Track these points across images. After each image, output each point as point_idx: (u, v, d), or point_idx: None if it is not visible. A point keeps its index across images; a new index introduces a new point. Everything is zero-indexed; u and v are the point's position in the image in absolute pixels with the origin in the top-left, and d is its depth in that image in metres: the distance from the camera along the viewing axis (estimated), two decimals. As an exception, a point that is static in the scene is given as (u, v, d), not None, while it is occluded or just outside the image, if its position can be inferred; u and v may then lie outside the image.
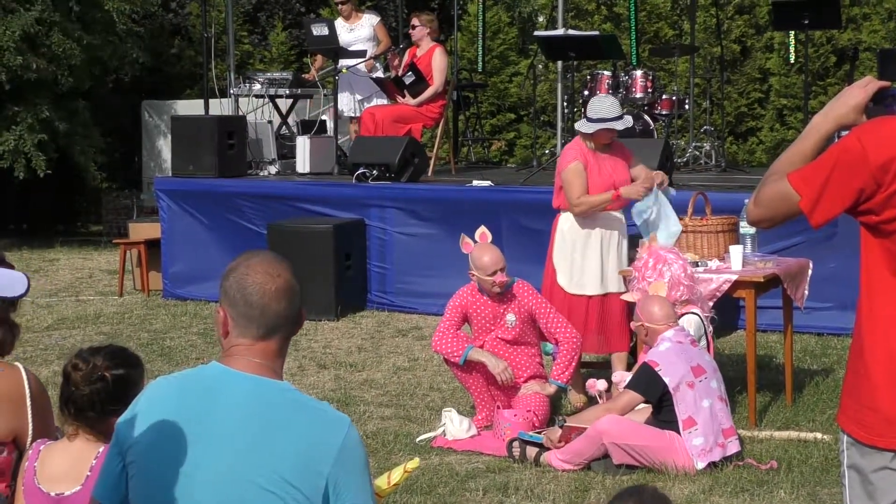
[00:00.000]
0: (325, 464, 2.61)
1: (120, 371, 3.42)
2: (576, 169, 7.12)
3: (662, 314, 6.21)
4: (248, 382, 2.67)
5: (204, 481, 2.62)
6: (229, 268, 2.75)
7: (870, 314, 2.90)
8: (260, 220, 10.66)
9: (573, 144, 7.32)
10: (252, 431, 2.62)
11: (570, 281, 7.23)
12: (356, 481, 2.65)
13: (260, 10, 19.45)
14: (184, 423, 2.65)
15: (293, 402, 2.68)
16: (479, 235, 6.97)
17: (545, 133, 16.09)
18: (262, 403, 2.66)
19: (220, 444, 2.63)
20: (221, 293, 2.74)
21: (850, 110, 2.91)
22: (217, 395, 2.67)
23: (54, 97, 15.26)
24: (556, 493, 5.70)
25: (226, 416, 2.64)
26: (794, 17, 11.39)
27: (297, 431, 2.63)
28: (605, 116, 7.11)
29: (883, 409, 2.86)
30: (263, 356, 2.71)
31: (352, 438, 2.66)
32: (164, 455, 2.64)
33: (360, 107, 11.89)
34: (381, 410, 7.25)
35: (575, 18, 16.67)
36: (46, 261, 14.06)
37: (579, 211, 7.18)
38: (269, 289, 2.69)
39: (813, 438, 6.39)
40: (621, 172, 7.25)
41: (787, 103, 16.14)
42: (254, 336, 2.70)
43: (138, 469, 2.68)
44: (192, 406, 2.67)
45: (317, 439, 2.63)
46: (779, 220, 2.95)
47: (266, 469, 2.60)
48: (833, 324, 8.71)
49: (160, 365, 8.30)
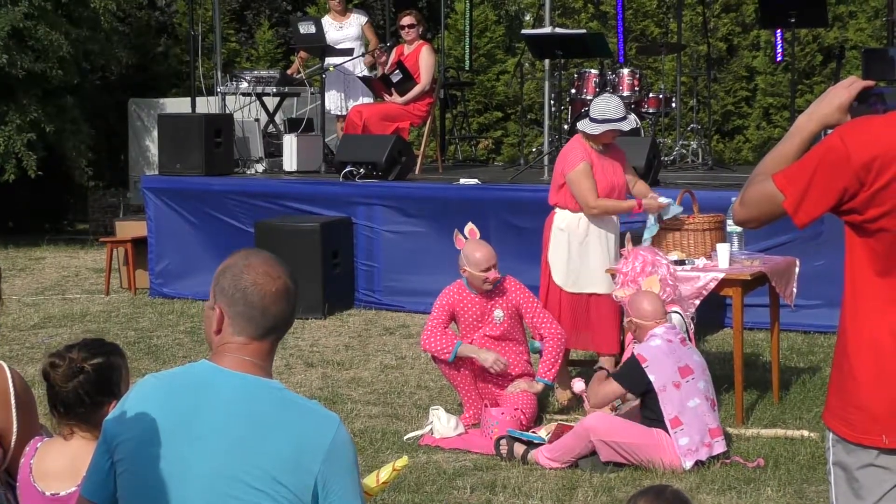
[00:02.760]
0: (315, 462, 2.62)
1: (98, 360, 3.40)
2: (585, 170, 7.10)
3: (652, 310, 6.22)
4: (237, 380, 2.68)
5: (193, 479, 2.62)
6: (226, 265, 2.74)
7: (854, 313, 2.92)
8: (247, 218, 10.65)
9: (576, 144, 7.27)
10: (241, 429, 2.63)
11: (567, 279, 7.23)
12: (345, 480, 2.65)
13: (247, 8, 19.43)
14: (173, 422, 2.65)
15: (283, 401, 2.68)
16: (468, 231, 6.97)
17: (532, 131, 16.11)
18: (251, 401, 2.66)
19: (210, 442, 2.63)
20: (217, 290, 2.73)
21: (834, 110, 2.92)
22: (206, 393, 2.67)
23: (42, 94, 15.22)
24: (543, 491, 5.71)
25: (215, 413, 2.65)
26: (781, 16, 11.40)
27: (286, 430, 2.63)
28: (612, 117, 7.10)
29: (867, 407, 2.88)
30: (256, 355, 2.71)
31: (341, 436, 2.66)
32: (153, 453, 2.64)
33: (347, 105, 11.88)
34: (368, 409, 7.25)
35: (562, 17, 16.69)
36: (32, 259, 14.02)
37: (595, 213, 7.16)
38: (270, 290, 2.70)
39: (800, 436, 6.41)
40: (620, 174, 7.27)
41: (773, 101, 16.19)
42: (250, 335, 2.70)
43: (127, 467, 2.68)
44: (181, 404, 2.67)
45: (306, 437, 2.63)
46: (765, 221, 2.97)
47: (255, 467, 2.61)
48: (820, 322, 8.73)
49: (147, 363, 8.29)
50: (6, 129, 14.70)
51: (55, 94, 15.46)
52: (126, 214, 15.47)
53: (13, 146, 14.65)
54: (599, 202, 7.12)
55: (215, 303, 2.73)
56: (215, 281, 2.74)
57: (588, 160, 7.12)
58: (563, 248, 7.22)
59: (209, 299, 2.77)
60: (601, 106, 7.16)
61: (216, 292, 2.73)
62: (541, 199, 8.59)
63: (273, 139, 12.27)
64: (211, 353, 2.76)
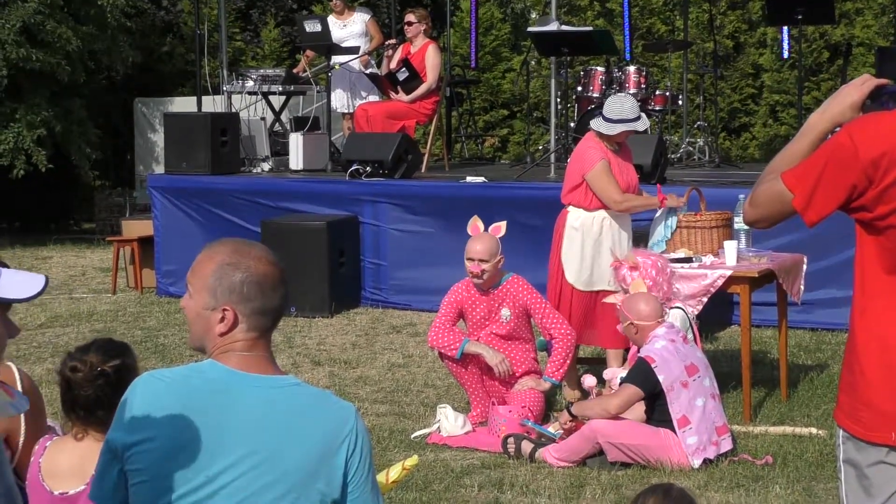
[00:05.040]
0: (341, 453, 2.62)
1: (117, 362, 3.43)
2: (605, 167, 7.09)
3: (650, 310, 6.19)
4: (256, 383, 2.63)
5: (226, 486, 2.56)
6: (226, 263, 2.64)
7: (863, 310, 2.91)
8: (253, 217, 10.65)
9: (591, 143, 7.24)
10: (270, 436, 2.59)
11: (579, 278, 7.21)
12: (365, 466, 2.66)
13: (252, 6, 19.43)
14: (198, 429, 2.57)
15: (304, 396, 2.66)
16: (471, 228, 6.96)
17: (538, 129, 16.09)
18: (275, 404, 2.62)
19: (240, 448, 2.58)
20: (224, 292, 2.63)
21: (846, 108, 2.91)
22: (227, 400, 2.60)
23: (51, 94, 15.26)
24: (551, 489, 5.70)
25: (242, 423, 2.58)
26: (787, 13, 11.39)
27: (313, 427, 2.62)
28: (627, 117, 7.10)
29: (877, 405, 2.87)
30: (266, 349, 2.68)
31: (361, 425, 2.68)
32: (180, 462, 2.55)
33: (353, 103, 11.88)
34: (375, 407, 7.25)
35: (568, 14, 16.67)
36: (39, 259, 14.03)
37: (622, 209, 7.15)
38: (278, 278, 2.67)
39: (808, 433, 6.39)
40: (633, 173, 7.30)
41: (779, 99, 16.16)
42: (264, 329, 2.66)
43: (146, 479, 2.58)
44: (204, 411, 2.59)
45: (331, 431, 2.63)
46: (775, 220, 2.96)
47: (289, 473, 2.58)
48: (827, 319, 8.72)
49: (154, 362, 8.30)
50: (16, 126, 14.77)
51: (63, 95, 15.49)
52: (132, 214, 15.48)
53: (22, 142, 14.72)
54: (626, 197, 7.12)
55: (219, 305, 2.63)
56: (214, 282, 2.63)
57: (605, 158, 7.12)
58: (576, 246, 7.21)
59: (202, 301, 2.65)
60: (616, 106, 7.15)
61: (219, 293, 2.63)
62: (547, 196, 8.60)
63: (279, 138, 12.27)
64: (214, 353, 2.67)
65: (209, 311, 2.65)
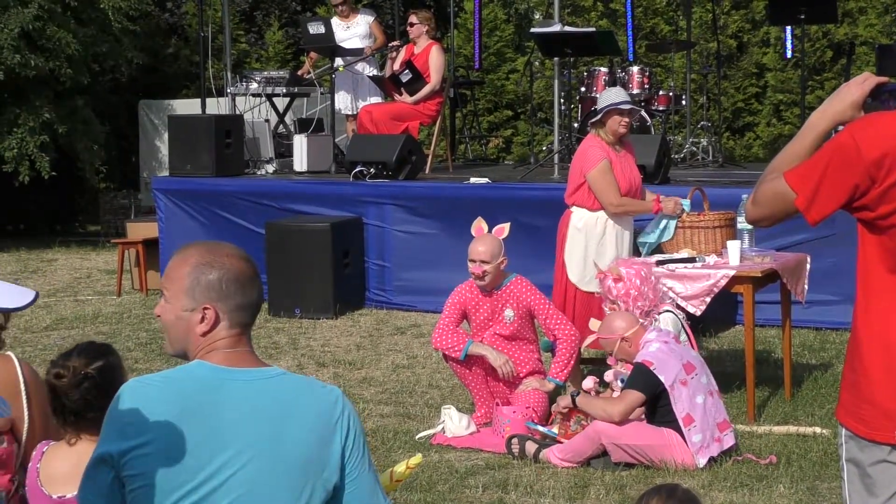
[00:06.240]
0: (336, 434, 2.66)
1: (100, 363, 3.44)
2: (606, 168, 7.11)
3: (625, 321, 6.26)
4: (246, 376, 2.66)
5: (229, 479, 2.58)
6: (201, 263, 2.66)
7: (866, 309, 2.92)
8: (257, 218, 10.66)
9: (593, 142, 7.26)
10: (267, 422, 2.62)
11: (582, 278, 7.22)
12: (360, 446, 2.70)
13: (256, 8, 19.45)
14: (194, 429, 2.58)
15: (292, 383, 2.69)
16: (475, 229, 6.96)
17: (542, 130, 16.09)
18: (266, 396, 2.65)
19: (238, 441, 2.60)
20: (203, 292, 2.65)
21: (847, 107, 2.91)
22: (220, 397, 2.63)
23: (54, 96, 15.27)
24: (555, 489, 5.71)
25: (237, 418, 2.61)
26: (791, 12, 11.39)
27: (305, 414, 2.65)
28: (612, 101, 7.17)
29: (880, 403, 2.88)
30: (248, 343, 2.72)
31: (349, 405, 2.72)
32: (179, 463, 2.57)
33: (357, 105, 11.89)
34: (380, 408, 7.26)
35: (571, 15, 16.68)
36: (44, 261, 14.06)
37: (618, 213, 7.17)
38: (252, 273, 2.72)
39: (812, 433, 6.39)
40: (636, 172, 7.31)
41: (783, 98, 16.16)
42: (245, 323, 2.70)
43: (145, 483, 2.58)
44: (198, 410, 2.60)
45: (323, 414, 2.67)
46: (777, 219, 2.96)
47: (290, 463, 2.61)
48: (831, 318, 8.71)
49: (159, 364, 8.31)
50: (19, 132, 14.77)
51: (66, 96, 15.50)
52: (137, 216, 15.51)
53: (26, 148, 14.73)
54: (623, 201, 7.13)
55: (199, 304, 2.66)
56: (192, 283, 2.66)
57: (607, 157, 7.13)
58: (580, 247, 7.22)
59: (180, 303, 2.67)
60: (601, 96, 7.35)
61: (197, 293, 2.66)
62: (551, 197, 8.60)
63: (283, 140, 12.28)
64: (198, 354, 2.68)
65: (188, 313, 2.68)
